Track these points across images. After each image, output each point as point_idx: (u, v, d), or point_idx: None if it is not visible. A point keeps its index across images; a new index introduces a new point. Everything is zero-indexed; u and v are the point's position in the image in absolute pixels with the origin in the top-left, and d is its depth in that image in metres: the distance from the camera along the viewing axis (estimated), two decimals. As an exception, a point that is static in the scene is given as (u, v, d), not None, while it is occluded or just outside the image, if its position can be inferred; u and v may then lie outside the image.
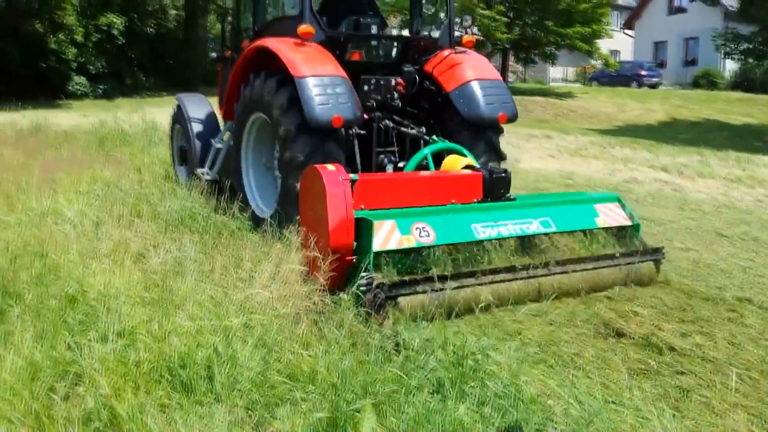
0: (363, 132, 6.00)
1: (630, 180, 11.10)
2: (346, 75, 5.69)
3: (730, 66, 37.28)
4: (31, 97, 22.72)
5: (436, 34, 6.90)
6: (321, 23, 6.10)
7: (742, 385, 3.60)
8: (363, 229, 4.47)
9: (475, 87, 6.13)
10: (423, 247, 4.53)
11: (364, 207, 4.77)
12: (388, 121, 6.29)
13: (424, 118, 6.57)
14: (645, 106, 27.65)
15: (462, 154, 5.84)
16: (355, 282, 4.22)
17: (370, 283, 4.20)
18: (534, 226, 5.05)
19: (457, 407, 2.94)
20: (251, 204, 6.45)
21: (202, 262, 4.66)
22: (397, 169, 6.16)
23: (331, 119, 5.35)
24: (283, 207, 5.61)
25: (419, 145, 6.10)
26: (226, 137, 7.45)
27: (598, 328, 4.30)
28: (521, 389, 3.13)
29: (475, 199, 5.36)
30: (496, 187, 5.41)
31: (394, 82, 6.21)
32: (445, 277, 4.38)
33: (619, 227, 5.43)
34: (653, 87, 36.88)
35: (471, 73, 6.22)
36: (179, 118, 8.42)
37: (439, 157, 5.89)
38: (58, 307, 3.75)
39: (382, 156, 6.28)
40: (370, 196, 4.93)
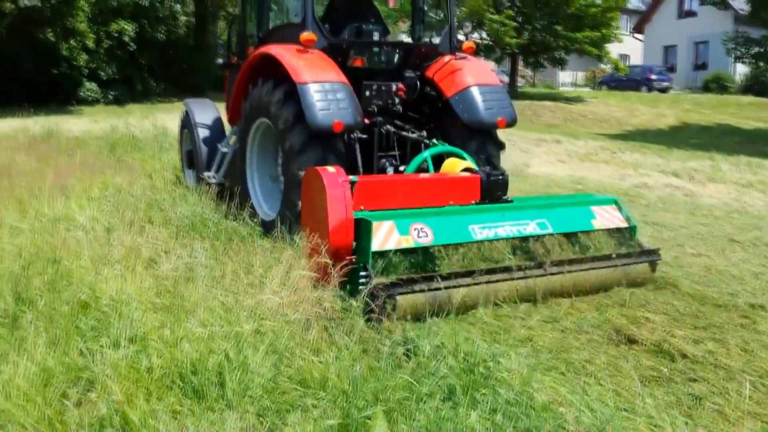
0: (365, 136, 6.11)
1: (641, 185, 11.06)
2: (347, 81, 5.78)
3: (740, 70, 37.13)
4: (43, 103, 22.90)
5: (436, 40, 6.99)
6: (323, 30, 6.20)
7: (756, 393, 3.57)
8: (362, 230, 4.57)
9: (474, 92, 6.23)
10: (422, 248, 4.62)
11: (363, 208, 4.86)
12: (389, 126, 6.39)
13: (425, 123, 6.67)
14: (655, 111, 27.56)
15: (461, 157, 5.93)
16: (355, 282, 4.34)
17: (368, 280, 4.30)
18: (531, 228, 5.13)
19: (469, 414, 2.93)
20: (255, 207, 6.56)
21: (213, 267, 4.67)
22: (398, 172, 6.25)
23: (332, 124, 5.45)
24: (286, 209, 5.70)
25: (420, 149, 6.19)
26: (232, 142, 7.55)
27: (610, 334, 4.27)
28: (533, 396, 3.12)
29: (473, 201, 5.44)
30: (493, 189, 5.51)
31: (395, 87, 6.35)
32: (442, 277, 4.47)
33: (616, 229, 5.48)
34: (663, 91, 36.73)
35: (471, 78, 6.32)
36: (187, 123, 8.56)
37: (439, 160, 5.97)
38: (71, 313, 3.76)
39: (383, 160, 6.38)
40: (370, 197, 5.02)
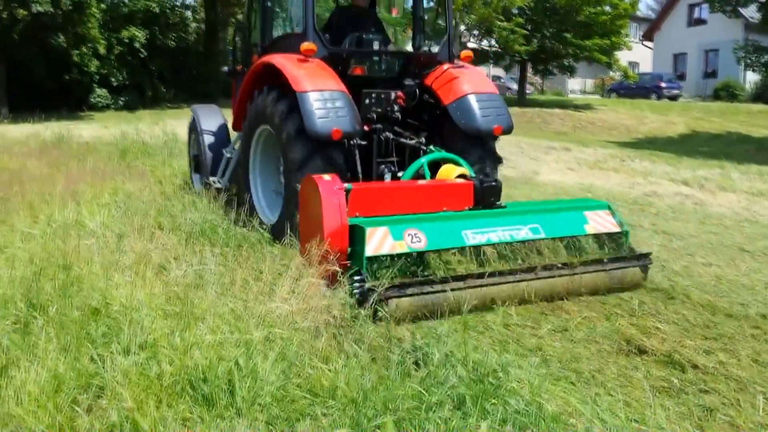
0: (364, 143, 6.25)
1: (650, 193, 11.00)
2: (346, 90, 5.91)
3: (751, 78, 37.01)
4: (54, 109, 23.10)
5: (435, 49, 7.12)
6: (324, 40, 6.35)
7: (768, 405, 3.54)
8: (356, 236, 4.71)
9: (471, 100, 6.36)
10: (415, 252, 4.76)
11: (358, 214, 5.02)
12: (388, 133, 6.54)
13: (424, 130, 6.79)
14: (665, 119, 27.47)
15: (458, 164, 6.03)
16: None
17: (362, 286, 4.43)
18: (523, 233, 5.22)
19: (479, 425, 2.92)
20: (258, 211, 6.70)
21: (223, 274, 4.68)
22: (396, 178, 6.39)
23: (330, 132, 5.57)
24: (286, 213, 5.83)
25: (418, 155, 6.32)
26: (237, 147, 7.68)
27: (620, 344, 4.25)
28: (543, 407, 3.10)
29: (467, 207, 5.54)
30: (486, 195, 5.63)
31: (394, 95, 6.52)
32: (434, 281, 4.60)
33: (608, 234, 5.58)
34: (673, 99, 36.65)
35: (468, 86, 6.45)
36: (194, 128, 8.74)
37: (436, 166, 6.08)
38: (82, 319, 3.77)
39: (382, 166, 6.52)
40: (364, 204, 5.18)
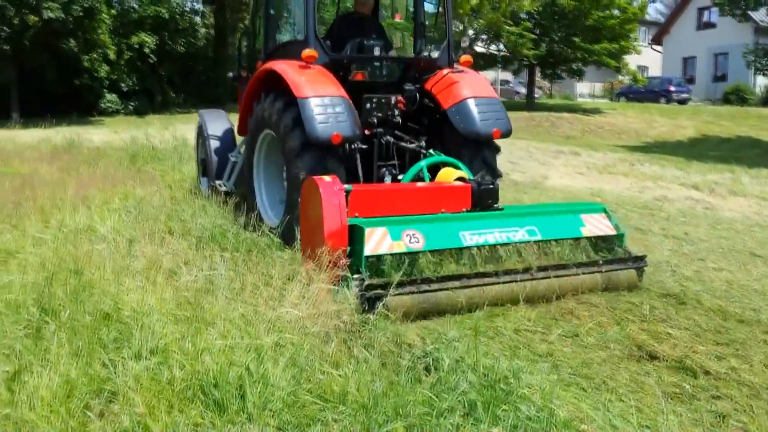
0: (365, 147, 6.41)
1: (660, 198, 10.95)
2: (346, 95, 6.00)
3: (761, 82, 36.84)
4: (64, 114, 23.23)
5: (435, 54, 7.19)
6: (325, 47, 6.46)
7: (781, 411, 3.51)
8: (356, 235, 4.81)
9: (470, 104, 6.44)
10: (413, 252, 4.86)
11: (358, 215, 5.12)
12: (389, 137, 6.64)
13: (424, 134, 6.89)
14: (674, 122, 27.37)
15: (457, 167, 6.12)
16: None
17: (361, 282, 4.51)
18: (520, 235, 5.31)
19: (491, 431, 2.91)
20: (262, 213, 6.84)
21: (233, 279, 4.70)
22: (397, 181, 6.47)
23: (330, 136, 5.68)
24: (288, 215, 5.92)
25: (418, 159, 6.41)
26: (242, 151, 7.80)
27: (631, 350, 4.23)
28: (554, 413, 3.09)
29: (464, 209, 5.63)
30: (484, 197, 5.71)
31: (394, 100, 6.63)
32: (431, 280, 4.71)
33: (604, 236, 5.68)
34: (682, 103, 36.51)
35: (467, 91, 6.53)
36: (201, 133, 8.90)
37: (436, 169, 6.18)
38: (93, 324, 3.79)
39: (383, 169, 6.61)
40: (364, 205, 5.28)
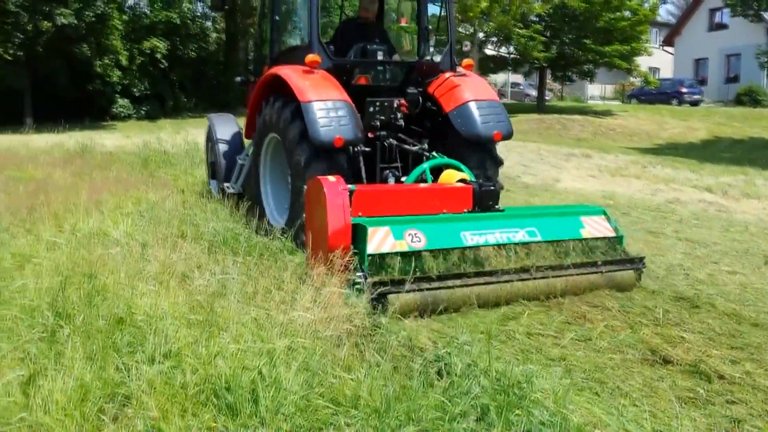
0: (368, 149, 6.55)
1: (673, 200, 10.89)
2: (349, 99, 6.13)
3: (774, 82, 36.53)
4: (77, 119, 23.43)
5: (437, 58, 7.28)
6: (328, 52, 6.60)
7: (797, 416, 3.48)
8: (359, 234, 4.90)
9: (472, 107, 6.55)
10: (415, 251, 4.95)
11: (361, 214, 5.21)
12: (392, 139, 6.76)
13: (427, 136, 7.01)
14: (686, 124, 27.21)
15: (459, 169, 6.21)
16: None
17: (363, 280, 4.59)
18: (520, 235, 5.40)
19: (504, 436, 2.91)
20: (268, 215, 6.98)
21: (245, 283, 4.71)
22: (399, 182, 6.57)
23: (332, 139, 5.81)
24: (293, 216, 6.05)
25: (421, 161, 6.51)
26: (249, 154, 7.90)
27: (645, 354, 4.20)
28: (567, 418, 3.07)
29: (465, 210, 5.71)
30: (485, 198, 5.80)
31: (397, 103, 6.74)
32: (432, 278, 4.80)
33: (604, 237, 5.75)
34: (694, 104, 36.29)
35: (469, 94, 6.65)
36: (210, 136, 9.07)
37: (438, 171, 6.27)
38: (107, 329, 3.81)
39: (386, 171, 6.74)
40: (367, 205, 5.37)
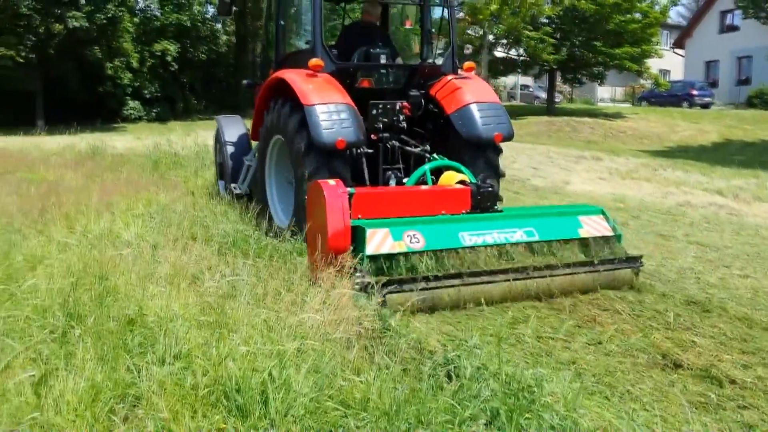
0: (371, 151, 6.63)
1: (684, 203, 10.83)
2: (351, 102, 6.24)
3: (786, 85, 36.24)
4: (88, 121, 23.58)
5: (440, 61, 7.34)
6: (331, 56, 6.72)
7: (810, 422, 3.45)
8: (358, 236, 5.00)
9: (473, 109, 6.64)
10: (413, 252, 5.03)
11: (361, 216, 5.30)
12: (394, 141, 6.84)
13: (429, 138, 7.10)
14: (697, 127, 27.07)
15: (459, 171, 6.31)
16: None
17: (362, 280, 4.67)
18: (518, 236, 5.46)
19: (514, 439, 2.90)
20: (272, 214, 7.11)
21: (255, 285, 4.72)
22: (402, 184, 6.65)
23: (335, 141, 5.94)
24: (296, 217, 6.14)
25: (423, 163, 6.60)
26: (256, 155, 8.00)
27: (656, 358, 4.18)
28: (578, 422, 3.06)
29: (464, 211, 5.78)
30: (483, 200, 5.88)
31: (399, 106, 6.81)
32: (430, 278, 4.86)
33: (602, 237, 5.79)
34: (705, 107, 36.08)
35: (470, 96, 6.73)
36: (218, 138, 9.23)
37: (439, 173, 6.38)
38: (118, 330, 3.83)
39: (388, 173, 6.82)
40: (367, 207, 5.47)
